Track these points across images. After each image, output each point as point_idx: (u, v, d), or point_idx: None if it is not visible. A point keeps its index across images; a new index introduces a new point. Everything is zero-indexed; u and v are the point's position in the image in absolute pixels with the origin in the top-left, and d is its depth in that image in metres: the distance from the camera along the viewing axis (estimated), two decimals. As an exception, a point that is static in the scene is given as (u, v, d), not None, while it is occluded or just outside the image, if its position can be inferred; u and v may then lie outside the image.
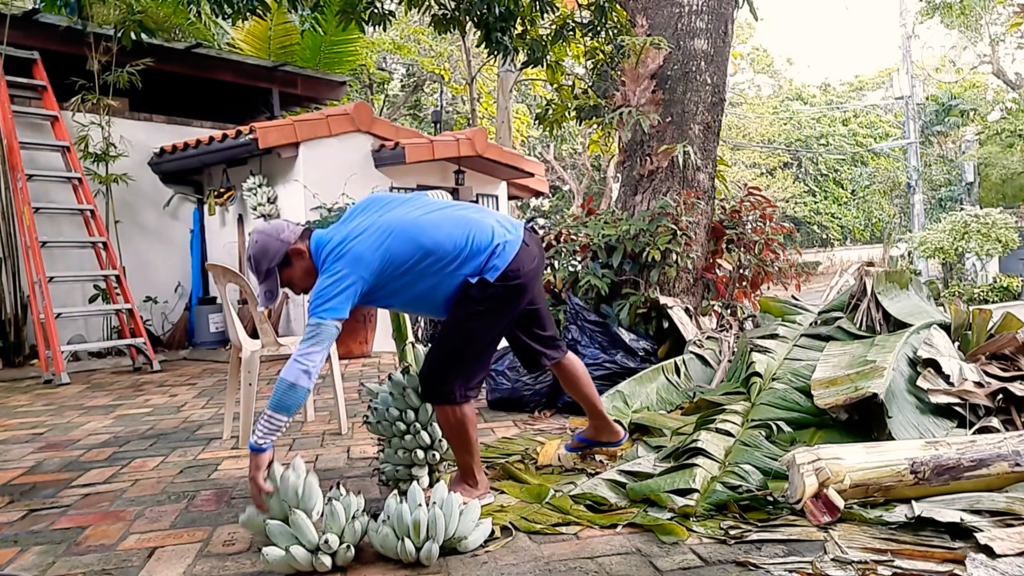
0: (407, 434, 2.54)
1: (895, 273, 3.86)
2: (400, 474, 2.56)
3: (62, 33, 7.38)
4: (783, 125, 29.27)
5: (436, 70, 17.95)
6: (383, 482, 2.64)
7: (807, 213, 28.05)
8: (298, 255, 2.33)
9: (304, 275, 2.35)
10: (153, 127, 8.32)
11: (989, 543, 1.90)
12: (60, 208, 7.06)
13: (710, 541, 2.11)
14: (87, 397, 5.28)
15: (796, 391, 3.14)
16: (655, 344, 4.26)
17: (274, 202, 7.67)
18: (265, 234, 2.33)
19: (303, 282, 2.36)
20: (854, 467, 2.25)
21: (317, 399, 4.63)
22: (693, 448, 2.67)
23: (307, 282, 2.35)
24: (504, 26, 4.50)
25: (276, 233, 2.33)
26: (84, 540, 2.32)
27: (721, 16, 4.91)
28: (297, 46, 10.75)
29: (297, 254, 2.32)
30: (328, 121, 7.65)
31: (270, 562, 1.98)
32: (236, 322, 3.54)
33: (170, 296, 8.30)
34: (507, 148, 9.71)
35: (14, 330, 6.82)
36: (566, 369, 2.77)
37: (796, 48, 67.57)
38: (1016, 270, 17.22)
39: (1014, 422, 2.82)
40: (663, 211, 4.52)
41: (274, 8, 4.97)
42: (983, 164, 21.09)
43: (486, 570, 1.97)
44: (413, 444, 2.53)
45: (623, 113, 4.80)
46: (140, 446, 3.63)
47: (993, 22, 21.56)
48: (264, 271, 2.32)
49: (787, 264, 5.13)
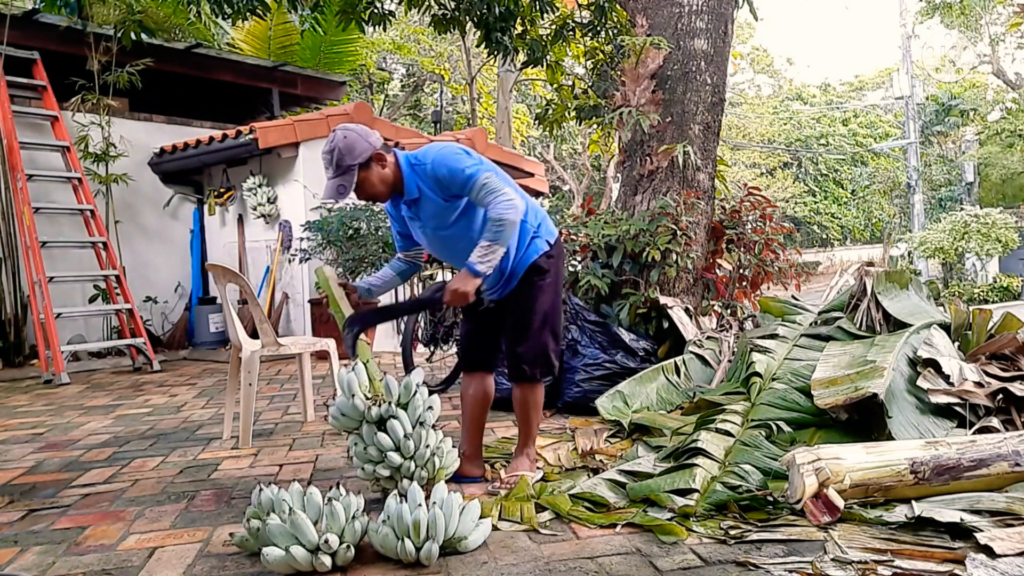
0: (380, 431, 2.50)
1: (895, 273, 3.86)
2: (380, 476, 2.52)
3: (62, 33, 7.37)
4: (783, 125, 29.27)
5: (436, 70, 17.95)
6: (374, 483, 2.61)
7: (807, 213, 28.05)
8: (380, 160, 2.46)
9: (379, 181, 2.48)
10: (153, 127, 8.32)
11: (989, 543, 1.90)
12: (60, 208, 7.05)
13: (710, 541, 2.11)
14: (87, 397, 5.28)
15: (796, 391, 3.14)
16: (655, 344, 4.26)
17: (274, 202, 7.67)
18: (355, 132, 2.44)
19: (374, 188, 2.48)
20: (854, 467, 2.25)
21: (317, 399, 4.63)
22: (693, 448, 2.67)
23: (378, 188, 2.49)
24: (504, 26, 4.50)
25: (366, 135, 2.45)
26: (84, 540, 2.32)
27: (721, 16, 4.91)
28: (297, 46, 10.75)
29: (379, 159, 2.46)
30: (328, 121, 7.65)
31: (270, 562, 1.98)
32: (236, 322, 3.54)
33: (170, 296, 8.30)
34: (507, 148, 9.71)
35: (14, 330, 6.82)
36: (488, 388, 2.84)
37: (796, 48, 67.62)
38: (1016, 270, 17.22)
39: (1014, 422, 2.82)
40: (663, 211, 4.51)
41: (274, 8, 4.97)
42: (983, 164, 21.09)
43: (486, 570, 1.97)
44: (388, 445, 2.47)
45: (623, 113, 4.80)
46: (140, 446, 3.63)
47: (993, 22, 21.56)
48: (345, 167, 2.42)
49: (787, 264, 5.13)
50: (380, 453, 2.50)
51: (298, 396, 4.71)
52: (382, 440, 2.48)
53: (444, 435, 2.64)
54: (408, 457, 2.51)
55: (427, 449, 2.52)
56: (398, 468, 2.50)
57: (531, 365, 2.65)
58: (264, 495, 2.14)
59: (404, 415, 2.53)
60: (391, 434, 2.49)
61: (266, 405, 4.65)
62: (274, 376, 6.03)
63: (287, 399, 4.86)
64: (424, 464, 2.53)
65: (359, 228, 6.80)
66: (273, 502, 2.11)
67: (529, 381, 2.68)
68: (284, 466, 3.14)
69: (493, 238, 2.40)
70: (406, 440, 2.49)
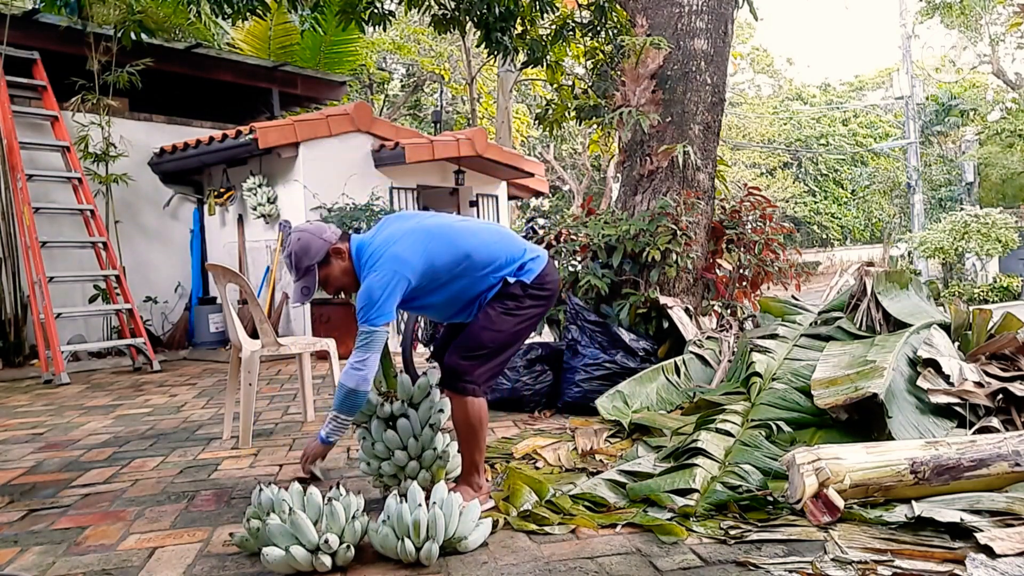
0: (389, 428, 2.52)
1: (895, 273, 3.86)
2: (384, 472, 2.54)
3: (62, 33, 7.38)
4: (783, 125, 29.25)
5: (436, 70, 17.94)
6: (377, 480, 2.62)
7: (807, 213, 28.04)
8: (338, 254, 2.44)
9: (341, 274, 2.46)
10: (153, 127, 8.32)
11: (989, 543, 1.90)
12: (60, 208, 7.06)
13: (710, 541, 2.11)
14: (87, 397, 5.28)
15: (796, 391, 3.14)
16: (655, 344, 4.26)
17: (274, 202, 7.67)
18: (308, 232, 2.44)
19: (338, 281, 2.47)
20: (854, 467, 2.25)
21: (317, 399, 4.63)
22: (693, 448, 2.67)
23: (342, 281, 2.47)
24: (504, 26, 4.50)
25: (319, 232, 2.44)
26: (84, 540, 2.32)
27: (721, 16, 4.91)
28: (297, 46, 10.75)
29: (337, 253, 2.44)
30: (328, 121, 7.65)
31: (270, 562, 1.98)
32: (236, 322, 3.54)
33: (170, 296, 8.30)
34: (507, 148, 9.70)
35: (14, 330, 6.82)
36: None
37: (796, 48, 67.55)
38: (1016, 270, 17.21)
39: (1014, 422, 2.82)
40: (663, 211, 4.51)
41: (274, 8, 4.97)
42: (983, 164, 21.08)
43: (486, 570, 1.97)
44: (396, 443, 2.51)
45: (623, 113, 4.80)
46: (140, 446, 3.63)
47: (993, 22, 21.55)
48: (304, 268, 2.42)
49: (787, 264, 5.13)
50: (387, 450, 2.51)
51: (298, 396, 4.71)
52: (390, 438, 2.50)
53: (451, 439, 2.63)
54: (415, 457, 2.52)
55: (433, 452, 2.53)
56: (403, 467, 2.51)
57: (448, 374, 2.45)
58: (264, 495, 2.14)
59: (415, 415, 2.54)
60: (400, 432, 2.51)
61: (266, 405, 4.65)
62: (274, 376, 6.03)
63: (287, 399, 4.86)
64: (428, 466, 2.53)
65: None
66: (273, 502, 2.11)
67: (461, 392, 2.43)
68: (284, 466, 3.14)
69: (336, 406, 2.37)
70: (414, 441, 2.51)
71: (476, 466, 2.49)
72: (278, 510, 2.08)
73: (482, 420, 2.45)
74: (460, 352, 2.45)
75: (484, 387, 2.46)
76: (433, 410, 2.56)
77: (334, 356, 3.79)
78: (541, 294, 2.50)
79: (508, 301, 2.46)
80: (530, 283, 2.47)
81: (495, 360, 2.47)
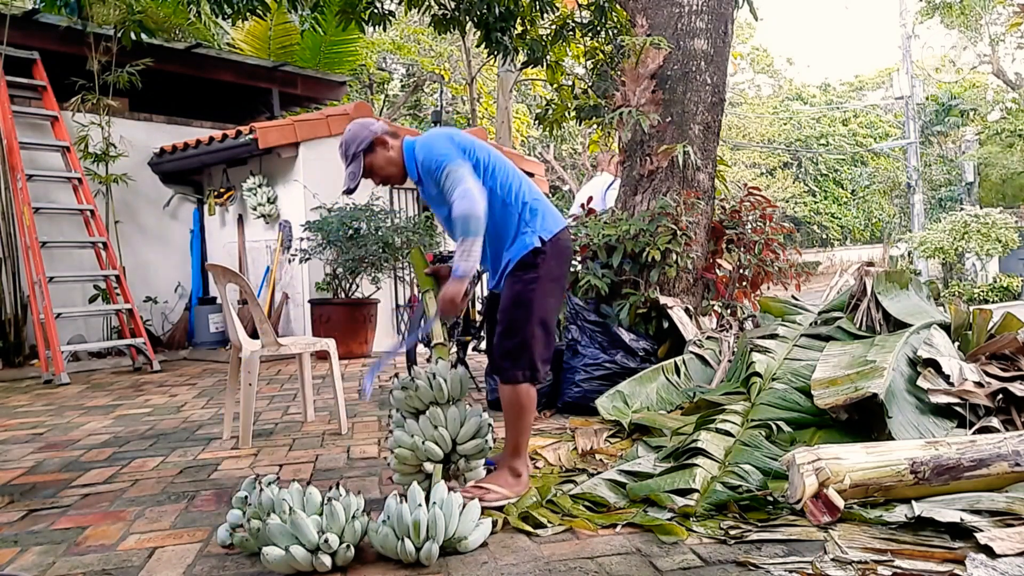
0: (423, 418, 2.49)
1: (895, 273, 3.86)
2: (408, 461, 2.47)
3: (62, 33, 7.37)
4: (783, 125, 29.25)
5: (436, 70, 17.94)
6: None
7: (807, 213, 28.03)
8: (382, 144, 2.60)
9: (386, 163, 2.62)
10: (153, 127, 8.32)
11: (989, 543, 1.90)
12: (60, 208, 7.05)
13: (710, 541, 2.11)
14: (87, 397, 5.28)
15: (796, 391, 3.14)
16: (655, 344, 4.26)
17: (274, 202, 7.67)
18: (359, 123, 2.63)
19: (383, 170, 2.63)
20: (854, 467, 2.25)
21: (317, 399, 4.63)
22: (693, 448, 2.67)
23: (387, 170, 2.64)
24: (504, 26, 4.50)
25: (368, 124, 2.63)
26: (84, 540, 2.32)
27: (721, 16, 4.91)
28: (297, 46, 10.75)
29: (381, 143, 2.60)
30: (328, 121, 7.65)
31: (270, 562, 1.98)
32: (236, 322, 3.53)
33: (170, 296, 8.29)
34: (507, 148, 9.70)
35: (14, 330, 6.82)
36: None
37: (796, 48, 67.51)
38: (1016, 270, 17.21)
39: (1014, 422, 2.82)
40: (663, 211, 4.51)
41: (274, 8, 4.97)
42: (983, 164, 21.08)
43: (486, 570, 1.97)
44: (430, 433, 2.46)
45: (623, 113, 4.80)
46: (140, 446, 3.63)
47: (993, 22, 21.55)
48: (351, 155, 2.59)
49: (787, 264, 5.12)
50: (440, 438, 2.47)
51: (298, 396, 4.71)
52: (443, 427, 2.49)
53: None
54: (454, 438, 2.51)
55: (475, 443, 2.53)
56: (448, 455, 2.50)
57: (509, 361, 2.49)
58: (264, 495, 2.14)
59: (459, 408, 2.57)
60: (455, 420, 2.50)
61: (266, 405, 4.65)
62: (274, 376, 6.03)
63: (287, 399, 4.86)
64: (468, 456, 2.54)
65: (359, 228, 6.80)
66: (273, 502, 2.11)
67: (507, 380, 2.50)
68: (284, 466, 3.14)
69: (462, 233, 2.42)
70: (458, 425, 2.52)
71: (519, 451, 2.53)
72: (278, 510, 2.08)
73: (530, 405, 2.53)
74: (502, 339, 2.54)
75: (543, 369, 2.53)
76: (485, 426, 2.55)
77: (334, 356, 3.79)
78: (559, 248, 2.58)
79: (526, 272, 2.52)
80: (548, 239, 2.54)
81: (538, 335, 2.51)
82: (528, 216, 2.57)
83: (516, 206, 2.57)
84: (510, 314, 2.52)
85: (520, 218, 2.57)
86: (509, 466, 2.52)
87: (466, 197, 2.39)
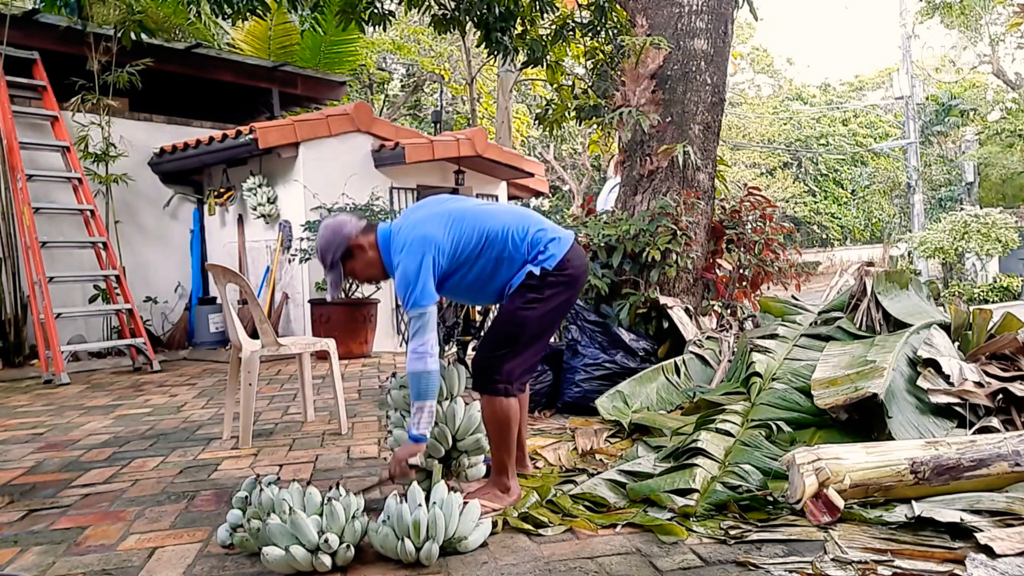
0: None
1: (895, 273, 3.86)
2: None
3: (62, 33, 7.37)
4: (783, 125, 29.25)
5: (436, 70, 17.94)
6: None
7: (807, 213, 28.04)
8: (359, 249, 2.49)
9: (366, 267, 2.52)
10: (153, 127, 8.31)
11: (989, 543, 1.90)
12: (60, 208, 7.05)
13: (710, 541, 2.11)
14: (87, 397, 5.28)
15: (796, 391, 3.14)
16: (655, 344, 4.26)
17: (274, 202, 7.66)
18: (329, 229, 2.51)
19: (364, 273, 2.55)
20: (854, 467, 2.25)
21: (317, 399, 4.63)
22: (693, 448, 2.67)
23: (368, 272, 2.55)
24: (504, 26, 4.50)
25: (339, 228, 2.50)
26: (84, 540, 2.32)
27: (721, 16, 4.91)
28: (297, 46, 10.75)
29: (358, 248, 2.49)
30: (328, 121, 7.65)
31: (270, 562, 1.98)
32: (236, 322, 3.53)
33: (170, 296, 8.29)
34: (507, 148, 9.70)
35: (14, 330, 6.82)
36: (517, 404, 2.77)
37: (796, 48, 67.51)
38: (1016, 270, 17.22)
39: (1014, 422, 2.82)
40: (663, 211, 4.51)
41: (274, 8, 4.96)
42: (983, 164, 21.10)
43: (486, 570, 1.97)
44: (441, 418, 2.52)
45: (623, 113, 4.80)
46: (140, 446, 3.63)
47: (993, 22, 21.54)
48: (328, 263, 2.50)
49: (787, 264, 5.12)
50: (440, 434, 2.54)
51: (298, 396, 4.71)
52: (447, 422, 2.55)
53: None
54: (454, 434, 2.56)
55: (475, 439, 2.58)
56: (449, 451, 2.53)
57: (489, 371, 2.46)
58: (264, 495, 2.14)
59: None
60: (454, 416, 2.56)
61: (266, 405, 4.65)
62: (274, 376, 6.03)
63: (287, 399, 4.86)
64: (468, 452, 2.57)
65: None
66: (273, 502, 2.11)
67: (486, 391, 2.47)
68: (284, 466, 3.14)
69: (415, 396, 2.34)
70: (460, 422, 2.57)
71: (503, 466, 2.48)
72: (278, 510, 2.08)
73: (509, 420, 2.44)
74: (484, 349, 2.49)
75: (517, 384, 2.46)
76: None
77: (334, 356, 3.79)
78: (561, 279, 2.46)
79: (529, 293, 2.45)
80: (551, 269, 2.44)
81: (523, 354, 2.47)
82: (529, 252, 2.48)
83: (518, 253, 2.47)
84: (503, 329, 2.49)
85: (519, 254, 2.48)
86: (495, 484, 2.50)
87: (421, 357, 2.31)
